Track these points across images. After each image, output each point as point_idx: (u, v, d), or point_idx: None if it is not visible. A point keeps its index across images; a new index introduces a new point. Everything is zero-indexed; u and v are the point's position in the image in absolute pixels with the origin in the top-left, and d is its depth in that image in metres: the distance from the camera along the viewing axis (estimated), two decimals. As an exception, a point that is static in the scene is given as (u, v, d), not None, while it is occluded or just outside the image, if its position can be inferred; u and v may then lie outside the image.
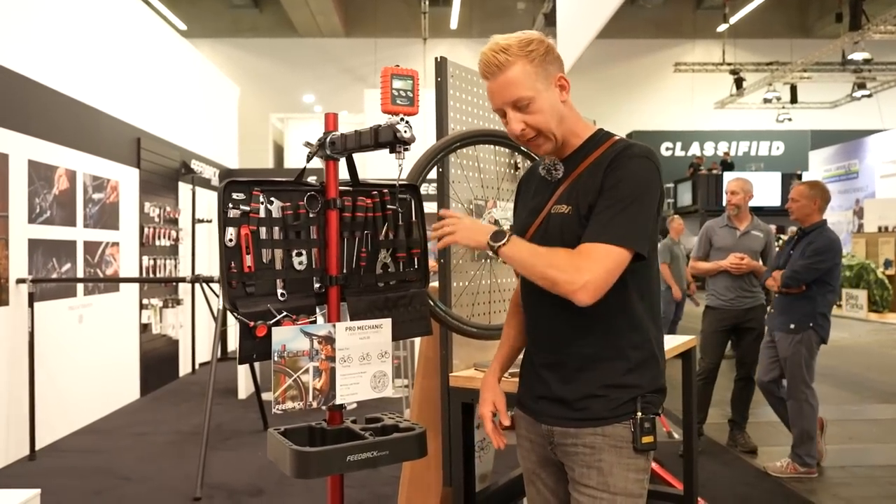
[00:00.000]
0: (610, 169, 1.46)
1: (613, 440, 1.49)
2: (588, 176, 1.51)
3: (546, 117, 1.50)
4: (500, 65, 1.48)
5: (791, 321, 3.92)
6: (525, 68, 1.48)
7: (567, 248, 1.46)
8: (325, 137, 1.77)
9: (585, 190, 1.49)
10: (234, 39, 19.23)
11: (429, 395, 2.49)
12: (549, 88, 1.51)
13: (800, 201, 3.97)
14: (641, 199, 1.44)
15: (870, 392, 6.41)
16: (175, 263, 7.00)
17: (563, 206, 1.52)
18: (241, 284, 1.70)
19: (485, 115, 2.50)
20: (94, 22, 5.73)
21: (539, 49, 1.50)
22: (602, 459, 1.49)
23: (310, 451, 1.61)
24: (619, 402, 1.50)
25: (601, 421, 1.50)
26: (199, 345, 7.51)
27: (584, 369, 1.52)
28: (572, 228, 1.49)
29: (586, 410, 1.51)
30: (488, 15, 19.78)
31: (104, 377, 5.54)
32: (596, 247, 1.40)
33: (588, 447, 1.50)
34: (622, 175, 1.45)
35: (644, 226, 1.45)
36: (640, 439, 1.49)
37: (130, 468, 4.23)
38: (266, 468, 4.13)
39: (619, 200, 1.43)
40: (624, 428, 1.50)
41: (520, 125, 1.51)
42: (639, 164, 1.46)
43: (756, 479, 3.93)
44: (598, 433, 1.50)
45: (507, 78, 1.48)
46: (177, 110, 7.65)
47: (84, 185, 5.30)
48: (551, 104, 1.51)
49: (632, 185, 1.44)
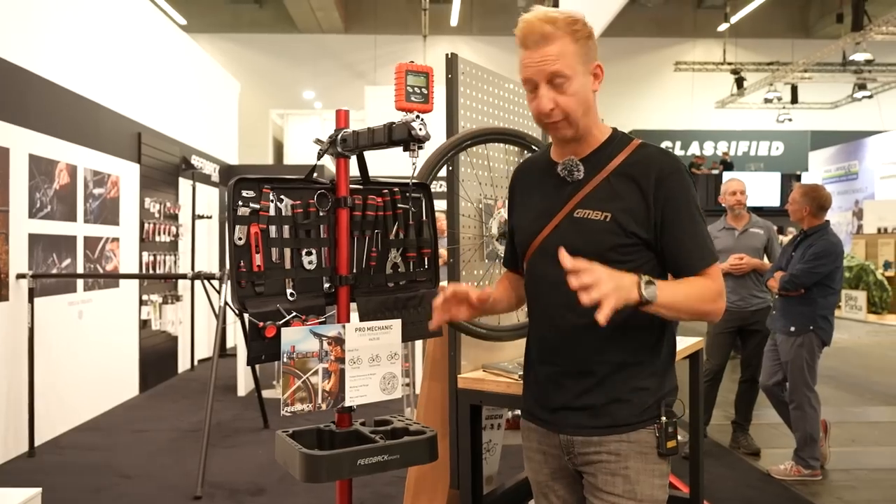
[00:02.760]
0: (664, 184, 1.46)
1: (639, 446, 1.48)
2: (620, 183, 1.47)
3: (577, 101, 1.45)
4: (545, 35, 1.42)
5: (791, 324, 3.90)
6: (570, 46, 1.43)
7: (598, 254, 1.40)
8: (336, 134, 1.74)
9: (624, 199, 1.46)
10: (234, 35, 19.16)
11: (435, 396, 2.46)
12: (585, 73, 1.47)
13: (793, 205, 3.98)
14: (699, 207, 1.52)
15: (871, 394, 6.40)
16: (175, 259, 6.96)
17: (595, 212, 1.47)
18: (250, 284, 1.67)
19: (495, 112, 2.47)
20: (95, 16, 5.69)
21: (584, 31, 1.46)
22: (628, 467, 1.47)
23: (320, 454, 1.58)
24: (644, 406, 1.48)
25: (627, 427, 1.48)
26: (199, 341, 7.47)
27: (611, 375, 1.49)
28: (607, 237, 1.46)
29: (612, 416, 1.48)
30: (488, 12, 19.72)
31: (103, 373, 5.51)
32: (713, 270, 1.47)
33: (613, 454, 1.48)
34: (682, 189, 1.48)
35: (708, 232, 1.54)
36: (665, 444, 1.48)
37: (130, 465, 4.20)
38: (267, 467, 4.10)
39: (694, 219, 1.49)
40: (649, 433, 1.48)
41: (550, 103, 1.44)
42: (685, 175, 1.51)
43: (760, 481, 3.91)
44: (623, 440, 1.47)
45: (549, 50, 1.42)
46: (177, 105, 7.61)
47: (85, 180, 5.26)
48: (585, 90, 1.47)
49: (693, 198, 1.49)
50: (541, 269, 1.57)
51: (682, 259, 1.47)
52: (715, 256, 1.50)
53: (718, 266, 1.49)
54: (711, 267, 1.47)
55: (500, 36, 18.44)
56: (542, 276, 1.56)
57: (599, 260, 1.42)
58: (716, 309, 1.46)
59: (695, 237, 1.47)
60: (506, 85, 2.54)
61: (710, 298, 1.44)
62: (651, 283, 1.34)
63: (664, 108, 20.98)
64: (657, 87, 20.80)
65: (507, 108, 2.55)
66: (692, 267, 1.46)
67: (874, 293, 11.84)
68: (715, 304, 1.45)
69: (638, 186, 1.45)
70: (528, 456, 1.65)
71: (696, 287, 1.44)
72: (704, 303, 1.44)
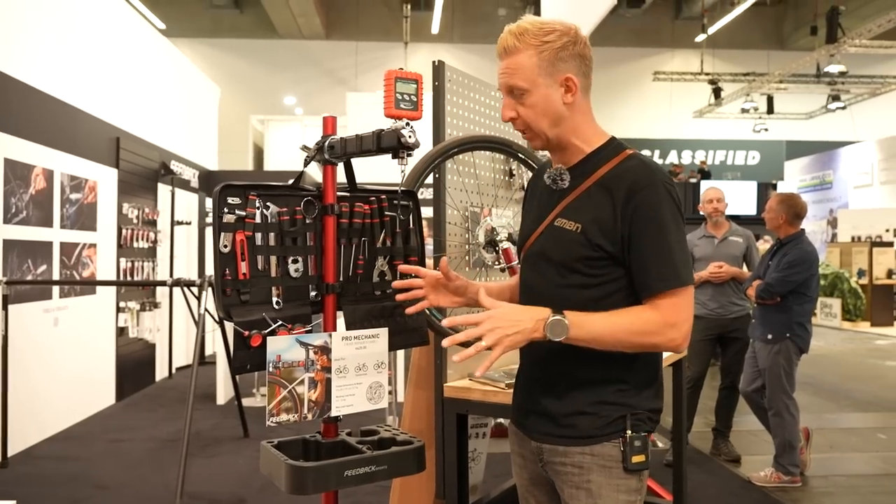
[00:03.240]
0: (635, 197, 1.39)
1: (602, 460, 1.44)
2: (597, 193, 1.44)
3: (538, 113, 1.45)
4: (507, 48, 1.45)
5: (769, 332, 3.95)
6: (530, 59, 1.43)
7: (566, 264, 1.44)
8: (323, 141, 1.72)
9: (596, 211, 1.43)
10: (214, 40, 19.01)
11: (421, 405, 2.45)
12: (551, 85, 1.44)
13: (769, 214, 4.03)
14: (677, 227, 1.42)
15: (847, 401, 6.48)
16: (153, 266, 6.87)
17: (569, 223, 1.46)
18: (235, 292, 1.64)
19: (482, 120, 2.47)
20: (73, 19, 5.61)
21: (555, 43, 1.43)
22: (591, 480, 1.44)
23: (307, 465, 1.56)
24: (608, 419, 1.44)
25: (589, 439, 1.44)
26: (177, 349, 7.36)
27: (579, 386, 1.46)
28: (576, 248, 1.43)
29: (574, 428, 1.45)
30: (469, 20, 19.80)
31: (79, 382, 5.41)
32: (673, 296, 1.38)
33: (576, 467, 1.45)
34: (653, 204, 1.39)
35: (687, 254, 1.45)
36: (631, 459, 1.43)
37: (107, 476, 4.12)
38: (248, 477, 4.05)
39: (661, 237, 1.39)
40: (613, 447, 1.44)
41: (511, 112, 1.48)
42: (661, 190, 1.41)
43: (741, 488, 3.93)
44: (586, 452, 1.44)
45: (508, 63, 1.45)
46: (157, 110, 7.52)
47: (62, 185, 5.17)
48: (547, 102, 1.44)
49: (665, 215, 1.40)
50: (526, 275, 1.59)
51: (641, 277, 1.40)
52: (682, 280, 1.38)
53: (686, 291, 1.38)
54: (673, 291, 1.37)
55: (481, 44, 18.49)
56: (525, 282, 1.59)
57: (570, 271, 1.46)
58: (666, 340, 1.37)
59: (658, 256, 1.38)
60: (491, 93, 2.55)
61: (653, 331, 1.36)
62: (560, 320, 1.33)
63: (643, 117, 21.18)
64: (636, 96, 21.00)
65: (494, 116, 2.55)
66: (649, 287, 1.39)
67: (849, 301, 12.02)
68: (662, 336, 1.37)
69: (611, 198, 1.42)
70: (513, 459, 1.65)
71: (634, 319, 1.37)
72: (646, 336, 1.37)
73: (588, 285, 1.44)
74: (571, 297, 1.43)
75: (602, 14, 6.23)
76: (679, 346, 1.39)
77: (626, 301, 1.43)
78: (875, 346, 10.20)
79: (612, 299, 1.43)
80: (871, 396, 6.67)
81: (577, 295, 1.44)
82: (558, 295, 1.44)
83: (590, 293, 1.44)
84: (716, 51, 19.53)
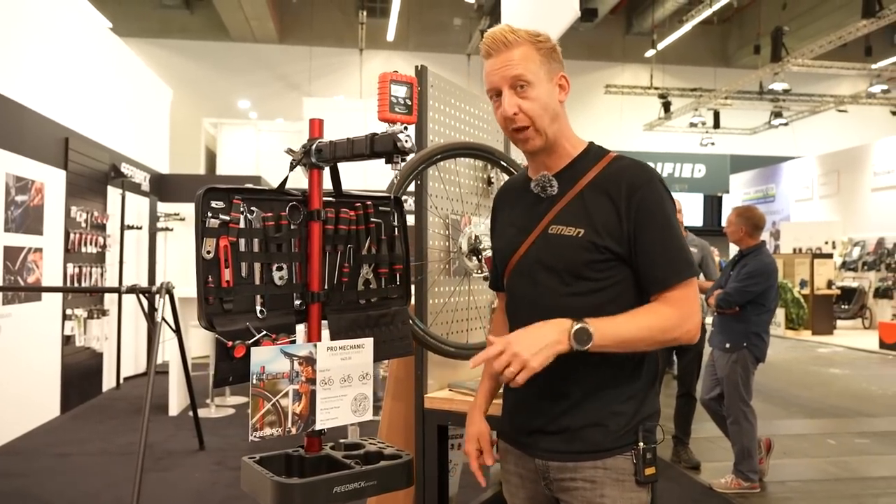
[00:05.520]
0: (635, 195, 1.41)
1: (615, 473, 1.42)
2: (594, 197, 1.44)
3: (541, 106, 1.45)
4: (507, 42, 1.45)
5: (727, 340, 4.04)
6: (531, 53, 1.45)
7: (571, 271, 1.43)
8: (310, 144, 1.66)
9: (598, 213, 1.43)
10: (163, 40, 18.51)
11: (399, 417, 2.39)
12: (549, 81, 1.47)
13: (730, 227, 4.14)
14: (676, 221, 1.45)
15: (796, 407, 6.67)
16: (102, 272, 6.61)
17: (568, 228, 1.44)
18: (218, 300, 1.56)
19: (463, 127, 2.44)
20: (17, 11, 5.37)
21: (547, 43, 1.48)
22: (604, 495, 1.42)
23: (294, 483, 1.49)
24: (620, 430, 1.43)
25: (603, 453, 1.43)
26: (125, 358, 7.09)
27: (587, 398, 1.44)
28: (580, 253, 1.43)
29: (586, 441, 1.43)
30: (425, 29, 19.81)
31: (22, 392, 5.14)
32: (683, 287, 1.41)
33: (588, 482, 1.43)
34: (654, 200, 1.42)
35: (688, 246, 1.47)
36: (644, 471, 1.42)
37: (54, 493, 3.92)
38: (205, 491, 3.91)
39: (667, 231, 1.42)
40: (626, 459, 1.43)
41: (514, 107, 1.45)
42: (659, 185, 1.45)
43: (703, 495, 3.99)
44: (598, 466, 1.42)
45: (511, 55, 1.44)
46: (107, 110, 7.27)
47: (6, 186, 4.92)
48: (549, 97, 1.47)
49: (666, 210, 1.43)
50: (519, 288, 1.55)
51: (651, 272, 1.41)
52: (693, 269, 1.43)
53: (694, 282, 1.42)
54: (685, 282, 1.40)
55: (436, 52, 18.53)
56: (521, 296, 1.55)
57: (575, 277, 1.44)
58: (683, 333, 1.40)
59: (667, 250, 1.41)
60: (476, 102, 2.52)
61: (671, 325, 1.38)
62: (584, 327, 1.31)
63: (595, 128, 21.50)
64: (588, 108, 21.34)
65: (475, 124, 2.52)
66: (664, 281, 1.40)
67: (792, 310, 12.43)
68: (680, 330, 1.39)
69: (610, 200, 1.42)
70: (506, 478, 1.61)
71: (652, 316, 1.39)
72: (665, 332, 1.38)
73: (595, 290, 1.43)
74: (578, 303, 1.41)
75: (563, 27, 6.31)
76: (693, 337, 1.41)
77: (634, 302, 1.43)
78: (817, 353, 10.55)
79: (620, 301, 1.42)
80: (818, 403, 6.89)
81: (583, 301, 1.42)
82: (563, 304, 1.42)
83: (597, 297, 1.43)
84: (665, 66, 20.04)
